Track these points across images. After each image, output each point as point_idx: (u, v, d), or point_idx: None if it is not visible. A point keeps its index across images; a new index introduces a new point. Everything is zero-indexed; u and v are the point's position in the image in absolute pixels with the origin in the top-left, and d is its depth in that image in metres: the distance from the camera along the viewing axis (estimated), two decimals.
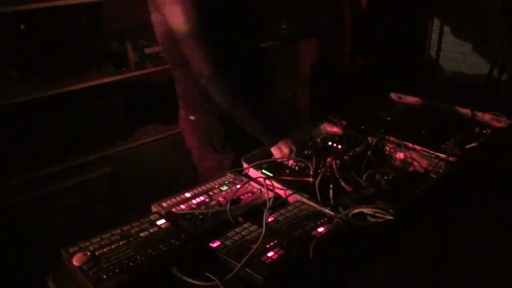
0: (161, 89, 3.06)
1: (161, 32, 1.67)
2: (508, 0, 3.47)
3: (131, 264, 1.10)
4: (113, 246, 1.16)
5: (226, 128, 1.77)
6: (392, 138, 1.67)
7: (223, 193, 1.44)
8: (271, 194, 1.38)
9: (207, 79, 1.56)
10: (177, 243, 1.17)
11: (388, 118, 1.89)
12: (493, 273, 1.25)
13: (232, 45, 1.65)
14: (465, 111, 1.91)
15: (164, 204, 1.37)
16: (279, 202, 1.39)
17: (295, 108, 3.79)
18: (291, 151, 1.61)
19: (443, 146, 1.61)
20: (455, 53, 4.17)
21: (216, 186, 1.48)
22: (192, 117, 1.83)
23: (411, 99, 2.07)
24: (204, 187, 1.47)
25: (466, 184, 1.51)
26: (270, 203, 1.34)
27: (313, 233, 1.21)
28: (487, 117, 1.85)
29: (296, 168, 1.58)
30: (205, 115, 1.80)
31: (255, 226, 1.25)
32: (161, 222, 1.27)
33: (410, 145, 1.61)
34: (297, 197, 1.40)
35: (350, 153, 1.61)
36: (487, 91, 3.52)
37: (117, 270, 1.07)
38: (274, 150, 1.63)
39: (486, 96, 3.45)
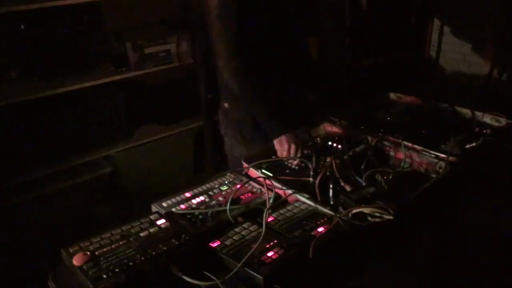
0: (161, 89, 3.06)
1: (210, 18, 1.71)
2: (507, 0, 3.47)
3: (131, 264, 1.10)
4: (113, 246, 1.16)
5: (256, 119, 1.79)
6: (392, 138, 1.67)
7: (223, 193, 1.44)
8: (271, 194, 1.38)
9: (223, 62, 1.64)
10: (177, 243, 1.17)
11: (388, 118, 1.89)
12: (493, 272, 1.24)
13: (268, 40, 1.71)
14: (465, 111, 1.91)
15: (164, 204, 1.37)
16: (279, 202, 1.39)
17: None
18: (290, 146, 1.62)
19: (443, 146, 1.61)
20: (455, 53, 4.17)
21: (216, 186, 1.48)
22: (226, 105, 1.89)
23: (411, 99, 2.07)
24: (204, 187, 1.47)
25: (466, 184, 1.51)
26: (270, 203, 1.34)
27: (313, 233, 1.21)
28: (487, 117, 1.85)
29: (296, 168, 1.58)
30: (237, 104, 1.83)
31: (255, 226, 1.25)
32: (161, 222, 1.27)
33: (410, 145, 1.61)
34: (297, 197, 1.40)
35: (350, 153, 1.61)
36: (487, 91, 3.52)
37: (117, 270, 1.07)
38: (276, 143, 1.66)
39: (486, 96, 3.44)
